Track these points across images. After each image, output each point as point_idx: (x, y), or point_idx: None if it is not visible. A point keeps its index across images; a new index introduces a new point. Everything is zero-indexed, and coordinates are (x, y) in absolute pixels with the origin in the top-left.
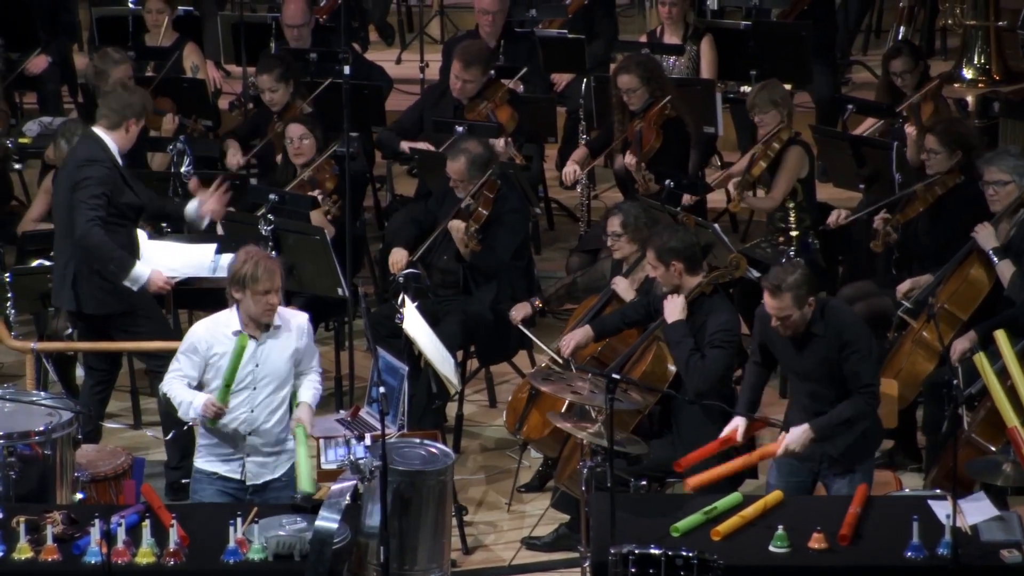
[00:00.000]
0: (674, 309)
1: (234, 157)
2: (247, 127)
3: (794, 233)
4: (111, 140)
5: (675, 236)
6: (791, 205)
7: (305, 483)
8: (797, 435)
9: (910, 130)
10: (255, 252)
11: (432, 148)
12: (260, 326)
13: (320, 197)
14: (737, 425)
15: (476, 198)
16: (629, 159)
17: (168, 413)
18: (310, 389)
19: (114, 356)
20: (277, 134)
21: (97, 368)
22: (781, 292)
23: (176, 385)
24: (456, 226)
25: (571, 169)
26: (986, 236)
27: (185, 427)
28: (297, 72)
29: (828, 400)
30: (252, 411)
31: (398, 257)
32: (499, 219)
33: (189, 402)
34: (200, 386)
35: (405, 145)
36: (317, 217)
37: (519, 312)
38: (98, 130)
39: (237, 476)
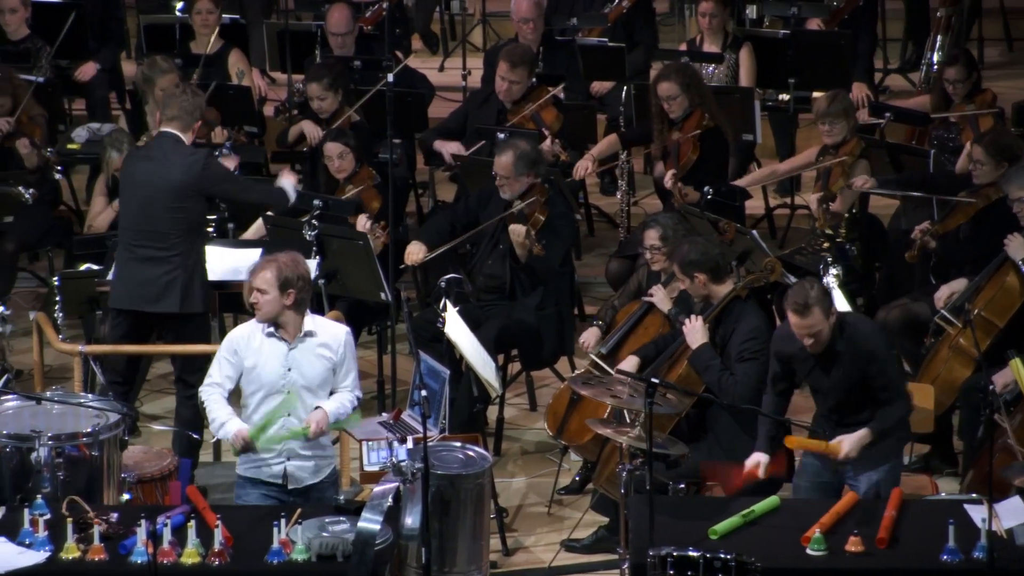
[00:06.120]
0: (695, 334)
1: (314, 130)
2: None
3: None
4: (186, 141)
5: (695, 248)
6: (846, 216)
7: (256, 432)
8: (855, 440)
9: (967, 141)
10: (277, 256)
11: (464, 152)
12: (289, 330)
13: (368, 223)
14: (759, 460)
15: (529, 202)
16: (667, 175)
17: (184, 436)
18: (334, 402)
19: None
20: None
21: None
22: (810, 308)
23: (215, 398)
24: (516, 230)
25: (584, 164)
26: (1017, 247)
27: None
28: (346, 80)
29: (850, 411)
30: (289, 415)
31: (414, 249)
32: (549, 225)
33: (222, 423)
34: (236, 393)
35: (439, 145)
36: (361, 225)
37: (590, 338)
38: (174, 131)
39: (279, 481)
